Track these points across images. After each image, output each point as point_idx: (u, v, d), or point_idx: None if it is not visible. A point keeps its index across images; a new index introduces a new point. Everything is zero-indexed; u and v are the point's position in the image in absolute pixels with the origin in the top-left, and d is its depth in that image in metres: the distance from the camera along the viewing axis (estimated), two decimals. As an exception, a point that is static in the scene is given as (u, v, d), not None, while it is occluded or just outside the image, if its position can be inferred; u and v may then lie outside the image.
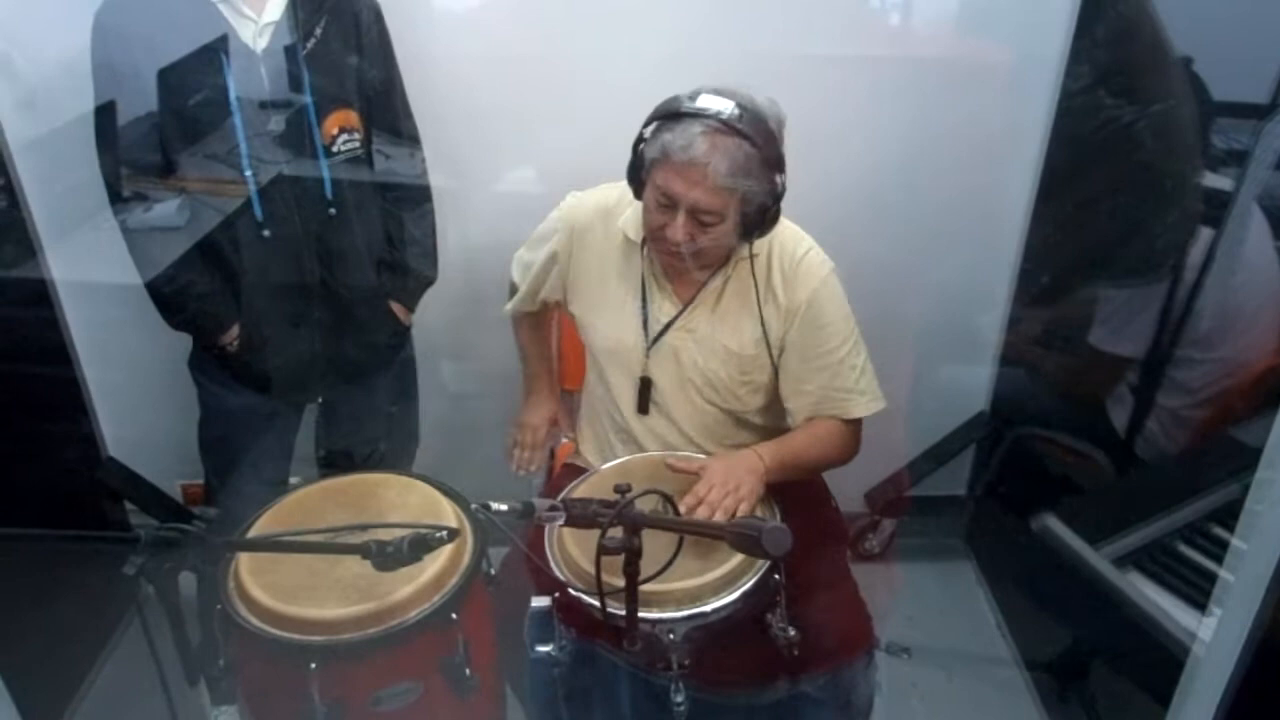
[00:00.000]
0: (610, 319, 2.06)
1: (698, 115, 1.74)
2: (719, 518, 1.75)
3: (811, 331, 1.96)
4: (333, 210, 2.16)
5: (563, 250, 2.07)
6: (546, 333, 2.35)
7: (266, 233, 2.11)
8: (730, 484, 1.82)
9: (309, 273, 2.18)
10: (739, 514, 1.78)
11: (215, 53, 1.99)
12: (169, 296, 2.15)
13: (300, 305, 2.21)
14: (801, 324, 1.96)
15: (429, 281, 2.39)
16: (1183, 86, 2.20)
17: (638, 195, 1.91)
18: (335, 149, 2.13)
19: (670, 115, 1.77)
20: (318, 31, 2.08)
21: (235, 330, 2.19)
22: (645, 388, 2.08)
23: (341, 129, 2.13)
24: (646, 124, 1.83)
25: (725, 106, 1.74)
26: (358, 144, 2.17)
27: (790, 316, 1.97)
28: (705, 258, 1.90)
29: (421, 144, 2.31)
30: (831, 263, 2.00)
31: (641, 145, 1.83)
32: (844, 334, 1.97)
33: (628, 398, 2.11)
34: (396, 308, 2.37)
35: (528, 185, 2.55)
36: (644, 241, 1.99)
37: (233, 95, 2.01)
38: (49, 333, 2.61)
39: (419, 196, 2.34)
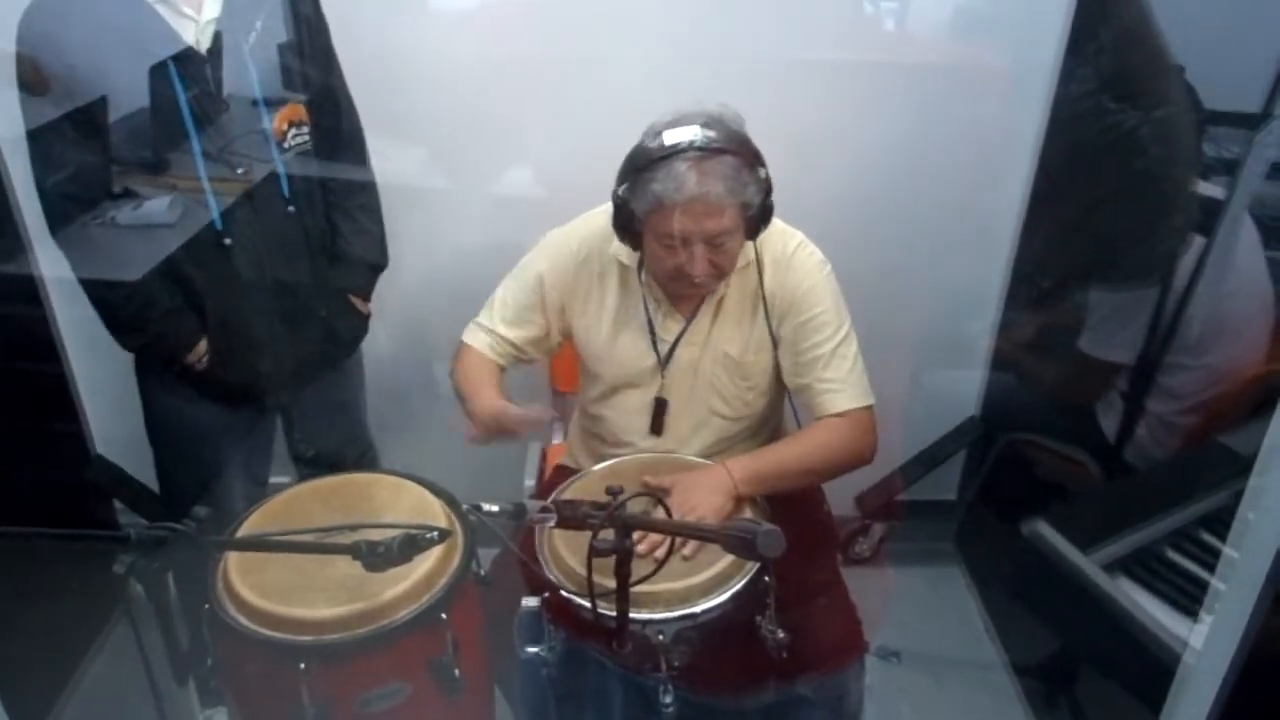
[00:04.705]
0: (623, 347, 2.05)
1: (674, 153, 1.73)
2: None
3: (805, 322, 1.96)
4: (291, 209, 2.13)
5: (554, 286, 2.04)
6: (498, 379, 2.09)
7: (228, 241, 2.06)
8: (688, 506, 1.82)
9: (273, 277, 2.15)
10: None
11: (160, 57, 1.93)
12: (130, 318, 2.08)
13: (267, 311, 2.18)
14: (796, 315, 1.96)
15: (382, 269, 2.38)
16: (1176, 94, 2.21)
17: (636, 248, 1.92)
18: (287, 145, 2.10)
19: (647, 164, 1.76)
20: (258, 25, 2.03)
21: (203, 346, 2.14)
22: (660, 409, 2.08)
23: (291, 123, 2.10)
24: (621, 181, 1.82)
25: (693, 133, 1.74)
26: (307, 137, 2.14)
27: (785, 310, 1.97)
28: (724, 274, 1.91)
29: (363, 129, 2.28)
30: (822, 254, 2.01)
31: (624, 201, 1.82)
32: (836, 324, 1.97)
33: (640, 421, 2.10)
34: (355, 300, 2.35)
35: (524, 188, 2.56)
36: (639, 264, 2.00)
37: (183, 100, 1.95)
38: (38, 330, 2.60)
39: (367, 185, 2.31)
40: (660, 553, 1.70)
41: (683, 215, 1.75)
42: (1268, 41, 2.18)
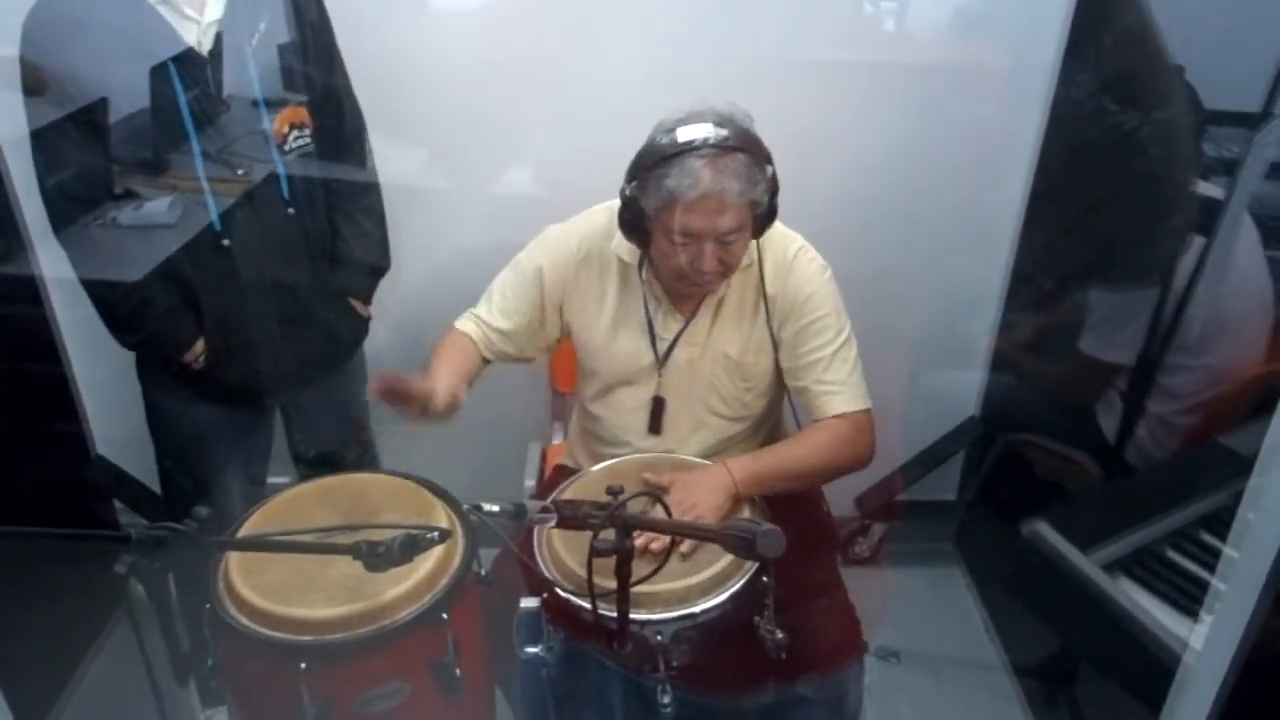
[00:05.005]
0: (621, 345, 2.05)
1: (688, 149, 1.74)
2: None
3: (807, 325, 1.97)
4: (291, 211, 2.13)
5: (554, 282, 2.04)
6: (470, 363, 2.05)
7: (226, 242, 2.06)
8: (688, 504, 1.82)
9: (272, 278, 2.15)
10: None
11: (161, 58, 1.93)
12: (128, 317, 2.08)
13: (265, 312, 2.17)
14: (798, 319, 1.97)
15: (383, 272, 2.38)
16: (1176, 95, 2.21)
17: (643, 246, 1.92)
18: (288, 147, 2.10)
19: (659, 160, 1.76)
20: (261, 27, 2.03)
21: (200, 346, 2.14)
22: (658, 408, 2.08)
23: (292, 125, 2.10)
24: (630, 178, 1.83)
25: (707, 130, 1.75)
26: (309, 140, 2.13)
27: (787, 313, 1.98)
28: (730, 272, 1.91)
29: (367, 132, 2.29)
30: (823, 259, 2.01)
31: (634, 198, 1.82)
32: (837, 328, 1.98)
33: (639, 420, 2.10)
34: (355, 303, 2.35)
35: (524, 188, 2.56)
36: (641, 262, 2.00)
37: (183, 101, 1.95)
38: (39, 330, 2.60)
39: (369, 187, 2.31)
40: (656, 546, 1.71)
41: (696, 211, 1.76)
42: (1267, 41, 2.18)
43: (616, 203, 1.90)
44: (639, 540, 1.65)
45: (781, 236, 2.00)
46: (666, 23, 2.37)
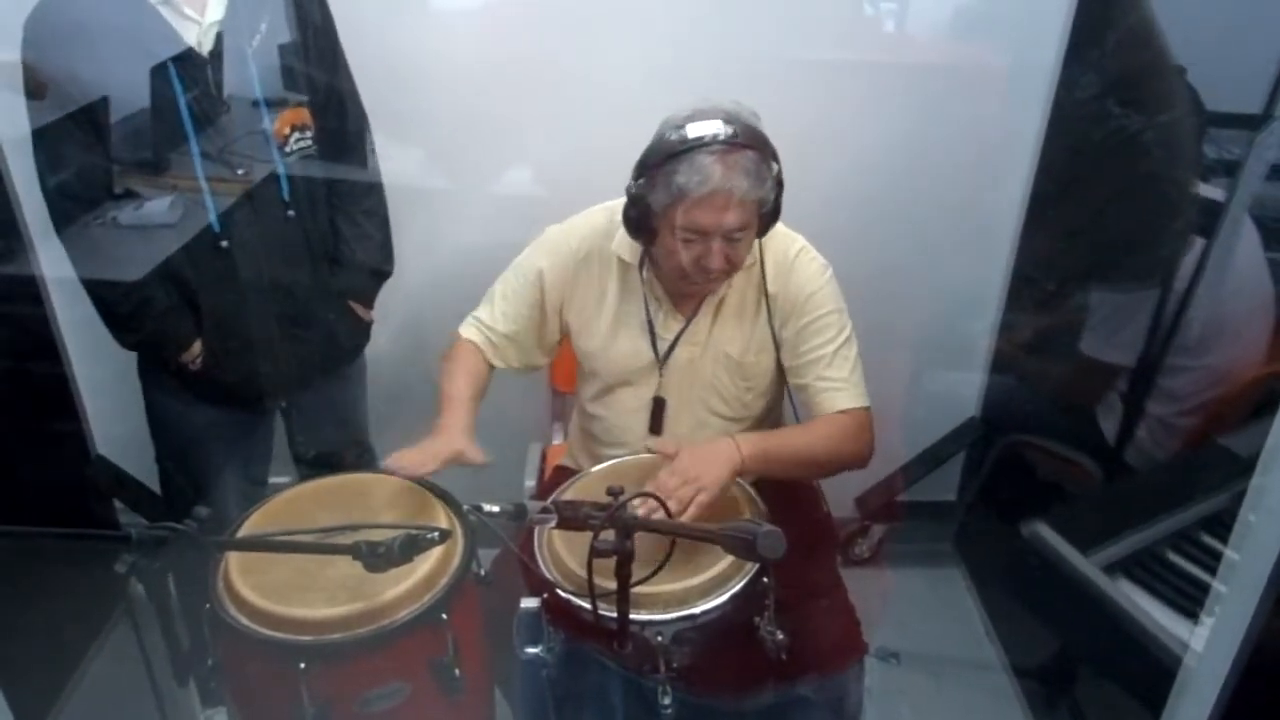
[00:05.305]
0: (621, 346, 2.05)
1: (698, 146, 1.73)
2: (673, 506, 1.70)
3: (809, 324, 1.97)
4: (291, 213, 2.13)
5: (554, 284, 2.04)
6: (481, 382, 2.08)
7: (224, 243, 2.06)
8: (691, 473, 1.79)
9: (271, 280, 2.14)
10: (696, 503, 1.74)
11: (161, 58, 1.93)
12: (125, 317, 2.08)
13: (265, 314, 2.17)
14: (799, 318, 1.97)
15: (386, 276, 2.37)
16: (1177, 95, 2.21)
17: (648, 244, 1.91)
18: (289, 148, 2.10)
19: (669, 156, 1.76)
20: (262, 28, 2.03)
21: (198, 347, 2.14)
22: (658, 408, 2.08)
23: (294, 127, 2.09)
24: (637, 175, 1.82)
25: (717, 127, 1.74)
26: (310, 141, 2.13)
27: (789, 312, 1.98)
28: (735, 270, 1.91)
29: (371, 134, 2.28)
30: (824, 259, 2.01)
31: (641, 195, 1.82)
32: (839, 326, 1.98)
33: (639, 421, 2.10)
34: (357, 307, 2.35)
35: (524, 188, 2.56)
36: (641, 262, 2.00)
37: (183, 102, 1.95)
38: (39, 330, 2.60)
39: (372, 190, 2.31)
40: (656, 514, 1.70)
41: (705, 208, 1.76)
42: (1268, 42, 2.18)
43: (615, 203, 1.90)
44: (640, 510, 1.64)
45: (783, 236, 2.00)
46: (666, 23, 2.37)
